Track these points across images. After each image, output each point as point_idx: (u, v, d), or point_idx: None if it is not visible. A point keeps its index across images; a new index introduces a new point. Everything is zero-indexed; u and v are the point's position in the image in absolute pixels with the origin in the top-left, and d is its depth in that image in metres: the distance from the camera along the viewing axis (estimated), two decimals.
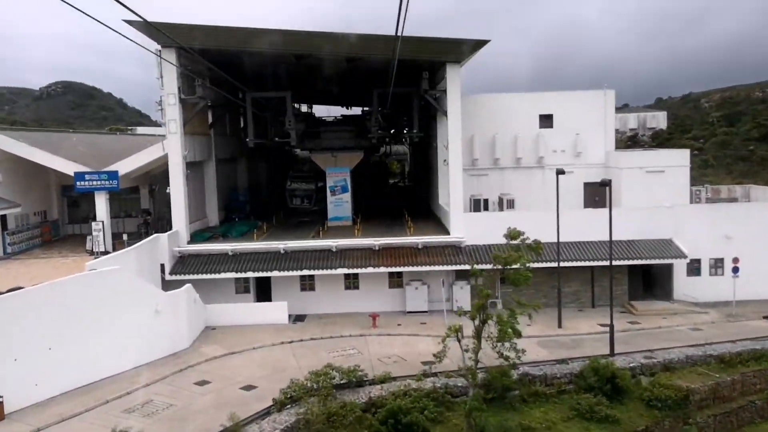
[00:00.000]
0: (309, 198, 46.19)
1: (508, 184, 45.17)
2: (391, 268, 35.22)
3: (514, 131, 44.83)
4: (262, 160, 58.41)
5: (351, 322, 35.41)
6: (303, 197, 46.36)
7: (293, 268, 35.12)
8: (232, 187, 48.36)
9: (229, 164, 48.36)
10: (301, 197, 46.40)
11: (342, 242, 36.51)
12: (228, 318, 35.08)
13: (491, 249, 35.94)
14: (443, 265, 35.21)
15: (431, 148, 46.93)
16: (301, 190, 46.50)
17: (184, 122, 36.68)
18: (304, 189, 46.29)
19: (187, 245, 36.49)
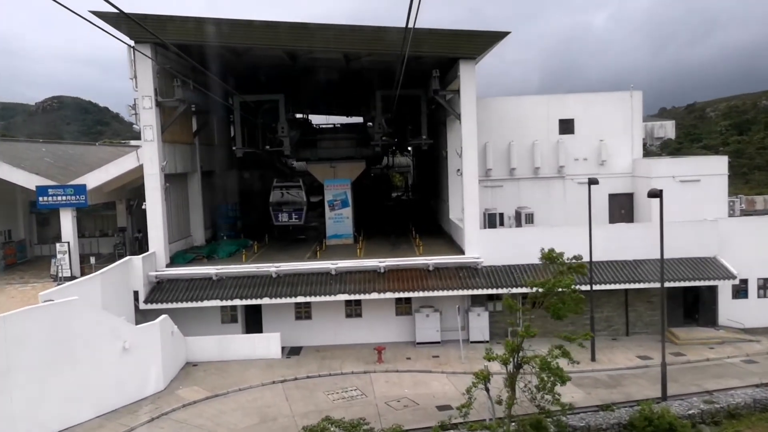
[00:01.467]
0: (298, 213, 38.71)
1: (525, 196, 40.79)
2: (399, 293, 30.78)
3: (531, 138, 40.55)
4: (255, 173, 54.00)
5: (353, 356, 30.89)
6: (291, 212, 38.63)
7: (286, 295, 30.66)
8: (220, 202, 43.93)
9: (217, 177, 43.95)
10: (288, 212, 38.68)
11: (342, 264, 32.08)
12: (212, 352, 30.57)
13: (512, 270, 31.57)
14: (458, 289, 30.75)
15: (440, 158, 42.61)
16: (288, 204, 38.69)
17: (163, 129, 32.36)
18: (292, 202, 38.58)
19: (165, 269, 32.03)
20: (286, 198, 38.65)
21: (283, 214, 38.86)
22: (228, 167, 46.72)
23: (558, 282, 20.15)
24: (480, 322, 31.73)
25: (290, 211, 38.79)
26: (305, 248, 37.66)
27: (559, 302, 20.32)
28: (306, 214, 39.52)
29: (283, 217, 38.85)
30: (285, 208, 38.67)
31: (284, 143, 35.23)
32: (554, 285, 20.10)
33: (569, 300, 20.20)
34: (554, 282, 20.20)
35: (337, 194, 39.10)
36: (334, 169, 39.07)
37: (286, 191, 38.61)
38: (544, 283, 20.37)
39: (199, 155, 39.13)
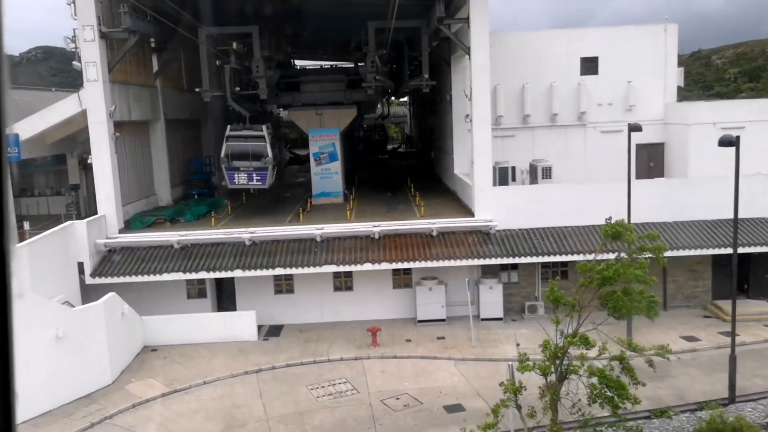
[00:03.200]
0: (261, 173, 28.94)
1: (540, 147, 35.47)
2: (397, 263, 25.76)
3: (548, 80, 34.99)
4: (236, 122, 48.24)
5: (343, 337, 26.06)
6: (252, 172, 28.81)
7: (262, 266, 25.62)
8: (192, 155, 38.51)
9: (187, 126, 38.48)
10: (248, 172, 28.83)
11: (329, 228, 26.98)
12: (174, 334, 25.69)
13: (532, 235, 26.51)
14: (467, 258, 25.73)
15: (443, 103, 37.13)
16: (246, 160, 28.77)
17: (110, 67, 26.79)
18: (252, 156, 28.70)
19: (117, 235, 26.87)
20: (245, 151, 29.11)
21: (240, 174, 29.11)
22: (202, 115, 41.15)
23: (631, 270, 14.93)
24: (492, 296, 26.83)
25: (250, 171, 28.91)
26: (288, 209, 32.48)
27: (623, 297, 15.10)
28: (274, 172, 30.35)
29: (240, 178, 29.28)
30: (242, 167, 29.07)
31: (259, 85, 29.68)
32: (620, 273, 14.90)
33: (638, 298, 15.03)
34: (621, 268, 14.99)
35: (323, 146, 33.74)
36: (320, 116, 33.61)
37: (244, 142, 29.05)
38: (604, 269, 15.13)
39: (163, 100, 33.55)
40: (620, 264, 15.27)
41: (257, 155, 28.63)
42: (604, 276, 14.92)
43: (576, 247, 25.92)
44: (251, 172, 28.79)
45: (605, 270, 14.94)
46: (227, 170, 29.19)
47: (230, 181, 29.54)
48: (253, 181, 29.20)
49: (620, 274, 14.76)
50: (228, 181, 29.71)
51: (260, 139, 28.78)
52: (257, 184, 29.37)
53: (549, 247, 25.92)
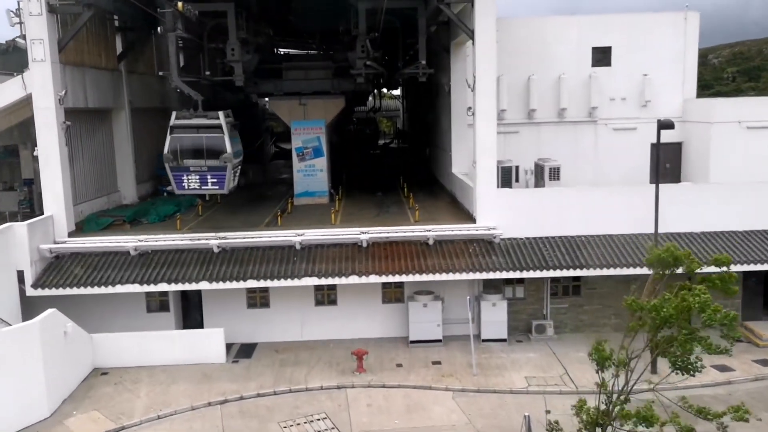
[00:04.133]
0: (218, 174, 22.96)
1: (546, 145, 32.23)
2: (388, 276, 22.41)
3: (556, 71, 31.74)
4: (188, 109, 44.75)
5: (324, 360, 22.74)
6: (205, 173, 22.87)
7: (233, 277, 22.21)
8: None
9: (159, 117, 34.78)
10: (200, 173, 22.83)
11: (311, 234, 23.62)
12: (130, 355, 22.31)
13: (540, 245, 23.27)
14: (468, 271, 22.42)
15: (440, 96, 33.78)
16: (197, 158, 22.76)
17: (61, 46, 23.27)
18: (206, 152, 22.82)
19: (66, 239, 23.37)
20: (196, 146, 22.95)
21: (191, 176, 22.99)
22: (176, 104, 37.52)
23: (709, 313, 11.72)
24: (495, 314, 23.56)
25: (203, 172, 22.78)
26: (266, 209, 29.06)
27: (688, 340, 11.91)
28: (236, 173, 24.38)
29: (190, 181, 23.11)
30: (194, 167, 22.89)
31: (235, 70, 26.24)
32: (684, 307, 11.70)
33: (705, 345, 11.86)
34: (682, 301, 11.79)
35: (307, 140, 30.31)
36: (304, 107, 30.16)
37: (195, 134, 22.96)
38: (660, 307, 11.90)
39: (129, 87, 30.01)
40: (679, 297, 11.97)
41: (213, 151, 22.71)
42: (663, 316, 11.59)
43: (592, 260, 22.70)
44: (205, 173, 22.74)
45: (661, 308, 11.63)
46: (173, 171, 23.17)
47: (177, 186, 23.44)
48: (207, 185, 23.01)
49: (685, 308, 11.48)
50: (174, 186, 23.61)
51: (216, 130, 22.81)
52: (213, 188, 23.34)
53: (561, 260, 22.69)
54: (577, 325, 24.59)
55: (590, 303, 24.49)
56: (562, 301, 24.52)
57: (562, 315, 24.50)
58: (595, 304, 24.48)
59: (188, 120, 23.32)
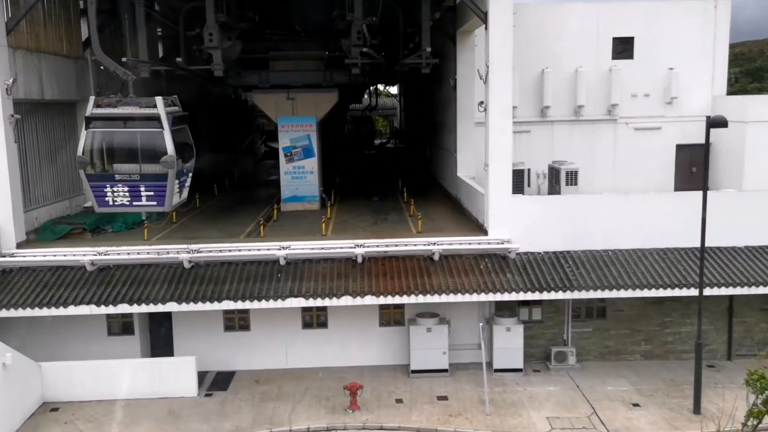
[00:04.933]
0: (155, 185, 17.63)
1: (560, 146, 29.21)
2: (386, 297, 19.25)
3: (573, 64, 28.73)
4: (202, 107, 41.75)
5: (312, 393, 19.61)
6: (138, 183, 17.39)
7: (204, 297, 19.02)
8: None
9: None
10: (130, 183, 17.32)
11: (298, 247, 20.47)
12: (84, 388, 19.16)
13: (563, 261, 20.18)
14: (479, 292, 19.27)
15: (443, 90, 30.71)
16: (130, 160, 17.30)
17: (9, 27, 20.10)
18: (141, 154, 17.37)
19: (14, 251, 20.15)
20: (123, 146, 17.53)
21: (117, 187, 17.54)
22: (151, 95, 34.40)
23: None
24: (510, 340, 20.47)
25: (134, 181, 17.26)
26: (249, 216, 25.90)
27: None
28: (184, 183, 19.25)
29: (115, 194, 17.66)
30: (120, 174, 17.48)
31: (214, 58, 23.10)
32: None
33: None
34: None
35: (296, 138, 27.16)
36: (292, 101, 26.98)
37: (122, 129, 17.34)
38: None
39: (96, 77, 26.76)
40: None
41: (149, 152, 16.91)
42: None
43: (622, 279, 19.60)
44: (137, 183, 16.81)
45: None
46: (91, 181, 17.53)
47: (98, 201, 17.83)
48: (140, 200, 17.00)
49: None
50: (94, 201, 18.03)
51: (152, 123, 16.85)
52: (149, 204, 17.47)
53: (587, 279, 19.60)
54: (601, 352, 21.53)
55: (617, 327, 21.45)
56: (585, 325, 21.46)
57: (585, 340, 21.44)
58: (622, 328, 21.43)
59: (113, 109, 17.23)
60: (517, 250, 20.19)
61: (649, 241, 20.67)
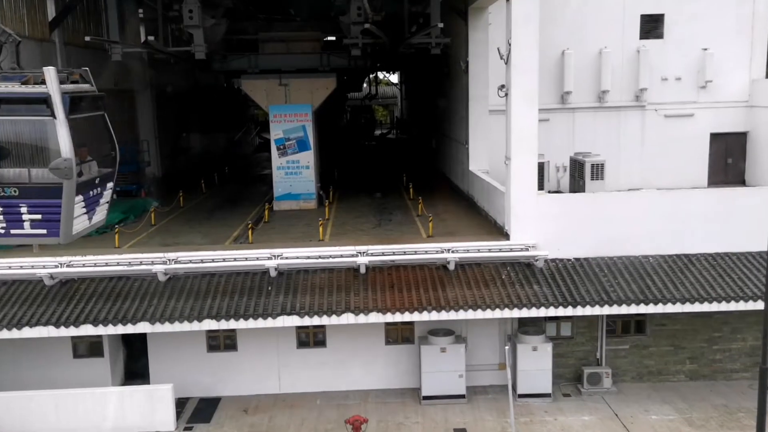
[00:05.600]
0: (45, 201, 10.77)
1: (583, 135, 26.35)
2: (395, 314, 16.50)
3: (596, 44, 25.84)
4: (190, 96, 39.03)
5: (308, 426, 16.93)
6: (15, 200, 10.47)
7: (182, 316, 16.28)
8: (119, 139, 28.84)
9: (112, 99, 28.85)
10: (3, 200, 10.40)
11: (292, 255, 17.73)
12: (43, 422, 16.45)
13: (596, 268, 17.44)
14: (502, 307, 16.53)
15: (451, 76, 27.90)
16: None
17: None
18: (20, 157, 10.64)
19: None
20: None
21: None
22: (138, 84, 31.68)
23: None
24: (537, 360, 17.77)
25: (9, 198, 10.57)
26: (238, 217, 23.16)
27: None
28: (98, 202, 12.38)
29: None
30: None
31: (194, 38, 20.29)
32: None
33: None
34: None
35: (290, 130, 24.36)
36: (285, 88, 24.14)
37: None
38: None
39: (65, 62, 23.94)
40: None
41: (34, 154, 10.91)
42: None
43: (668, 290, 16.89)
44: (15, 201, 10.66)
45: None
46: None
47: None
48: (22, 227, 10.90)
49: None
50: None
51: (38, 108, 10.83)
52: (37, 233, 11.13)
53: (627, 291, 16.87)
54: (640, 373, 18.85)
55: (658, 343, 18.75)
56: (622, 341, 18.78)
57: (621, 359, 18.76)
58: (663, 344, 18.75)
59: None
60: (545, 257, 17.43)
61: (696, 245, 17.95)
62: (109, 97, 26.73)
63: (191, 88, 37.85)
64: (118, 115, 29.76)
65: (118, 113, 30.16)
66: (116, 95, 29.33)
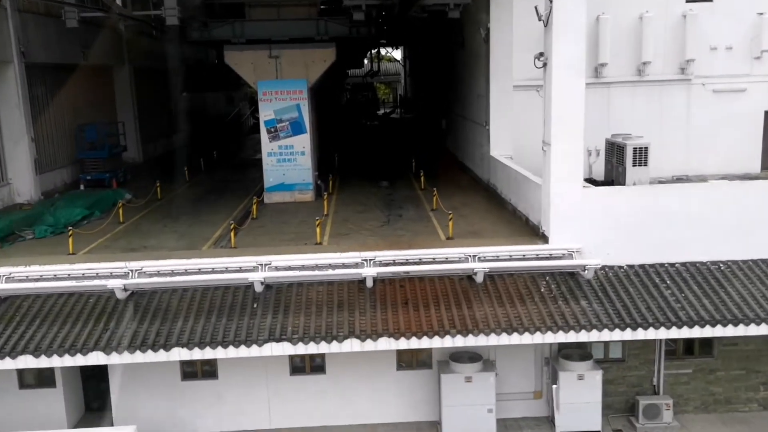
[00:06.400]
0: None
1: (618, 113, 22.98)
2: (410, 340, 13.22)
3: (636, 9, 22.45)
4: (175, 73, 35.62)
5: None
6: None
7: (146, 343, 13.01)
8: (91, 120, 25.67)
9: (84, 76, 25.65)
10: None
11: (282, 265, 14.44)
12: None
13: (656, 278, 14.18)
14: (544, 330, 13.24)
15: (465, 47, 24.47)
16: None
17: None
18: None
19: None
20: None
21: None
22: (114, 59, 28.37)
23: None
24: (583, 391, 14.54)
25: None
26: (221, 212, 19.88)
27: None
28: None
29: None
30: None
31: (164, 2, 16.81)
32: None
33: None
34: None
35: (282, 109, 20.99)
36: (276, 60, 20.70)
37: None
38: None
39: (20, 32, 20.59)
40: None
41: None
42: None
43: (749, 308, 13.61)
44: None
45: None
46: None
47: None
48: None
49: None
50: None
51: None
52: None
53: (698, 308, 13.59)
54: (705, 402, 15.65)
55: (727, 367, 15.53)
56: (684, 364, 15.55)
57: (683, 386, 15.55)
58: (734, 368, 15.52)
59: None
60: (596, 266, 14.12)
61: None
62: (75, 71, 23.49)
63: (177, 64, 34.41)
64: (87, 93, 26.54)
65: (92, 90, 26.96)
66: (89, 70, 26.05)
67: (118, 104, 30.02)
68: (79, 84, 25.44)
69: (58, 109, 24.14)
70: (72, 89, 24.83)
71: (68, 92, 24.79)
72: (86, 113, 26.04)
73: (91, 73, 26.62)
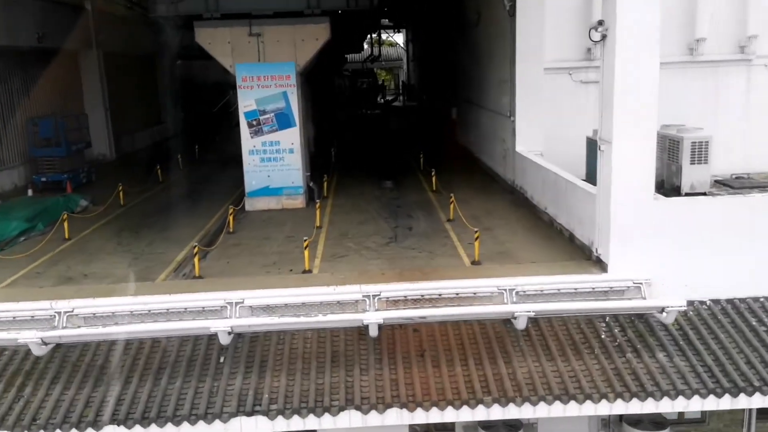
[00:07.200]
0: None
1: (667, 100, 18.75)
2: (429, 411, 9.72)
3: None
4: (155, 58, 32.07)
5: None
6: None
7: (68, 421, 9.51)
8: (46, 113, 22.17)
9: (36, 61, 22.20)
10: None
11: (259, 303, 10.88)
12: None
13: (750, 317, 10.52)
14: (612, 398, 9.72)
15: (482, 24, 20.86)
16: None
17: None
18: None
19: None
20: None
21: None
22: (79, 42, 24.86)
23: None
24: None
25: None
26: (192, 224, 16.34)
27: None
28: None
29: None
30: None
31: None
32: None
33: None
34: None
35: (266, 99, 17.42)
36: (257, 39, 17.11)
37: None
38: None
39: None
40: None
41: None
42: None
43: None
44: None
45: None
46: None
47: None
48: None
49: None
50: None
51: None
52: None
53: None
54: None
55: None
56: None
57: None
58: None
59: None
60: (679, 308, 10.56)
61: None
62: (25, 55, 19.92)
63: (156, 49, 30.82)
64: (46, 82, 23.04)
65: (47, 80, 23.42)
66: (42, 54, 22.52)
67: (85, 94, 26.53)
68: (34, 72, 22.00)
69: (7, 100, 20.71)
70: (26, 78, 21.42)
71: (21, 81, 21.38)
72: (46, 105, 22.62)
73: (51, 59, 23.12)
